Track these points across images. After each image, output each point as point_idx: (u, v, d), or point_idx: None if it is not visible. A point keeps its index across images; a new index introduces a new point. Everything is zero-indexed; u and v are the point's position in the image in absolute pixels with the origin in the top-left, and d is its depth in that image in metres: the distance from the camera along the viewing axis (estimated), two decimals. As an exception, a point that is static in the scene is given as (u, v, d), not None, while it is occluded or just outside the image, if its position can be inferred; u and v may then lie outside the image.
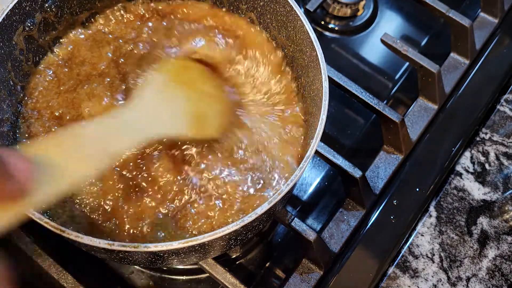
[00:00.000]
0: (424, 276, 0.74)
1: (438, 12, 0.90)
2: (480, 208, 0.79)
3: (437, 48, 0.98)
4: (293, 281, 0.71)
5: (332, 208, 0.83)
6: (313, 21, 0.99)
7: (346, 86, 0.80)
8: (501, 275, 0.74)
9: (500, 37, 0.93)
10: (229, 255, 0.79)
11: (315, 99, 0.64)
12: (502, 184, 0.80)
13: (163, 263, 0.62)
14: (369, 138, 0.90)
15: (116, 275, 0.77)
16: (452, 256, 0.75)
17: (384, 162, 0.81)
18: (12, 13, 0.62)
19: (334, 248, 0.74)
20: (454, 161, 0.82)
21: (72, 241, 0.53)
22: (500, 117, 0.86)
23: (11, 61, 0.65)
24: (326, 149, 0.76)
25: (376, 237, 0.75)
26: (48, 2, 0.67)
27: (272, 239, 0.82)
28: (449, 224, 0.77)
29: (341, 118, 0.92)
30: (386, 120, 0.79)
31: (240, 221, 0.52)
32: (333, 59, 0.97)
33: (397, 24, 1.03)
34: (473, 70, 0.89)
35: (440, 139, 0.83)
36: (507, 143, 0.83)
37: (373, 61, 0.98)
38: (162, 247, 0.51)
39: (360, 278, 0.72)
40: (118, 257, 0.58)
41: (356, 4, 0.99)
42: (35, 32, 0.67)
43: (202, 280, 0.78)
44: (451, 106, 0.86)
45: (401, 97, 0.94)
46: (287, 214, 0.70)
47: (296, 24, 0.67)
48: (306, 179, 0.86)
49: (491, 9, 0.94)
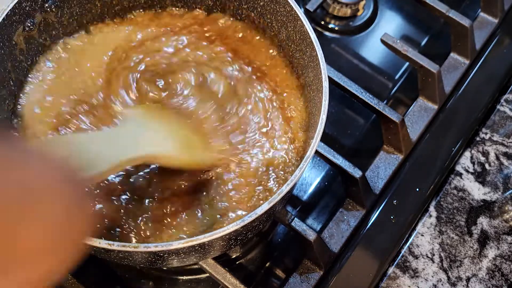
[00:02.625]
0: (424, 276, 0.74)
1: (438, 12, 0.90)
2: (480, 208, 0.79)
3: (437, 48, 0.98)
4: (293, 281, 0.71)
5: (332, 208, 0.83)
6: (313, 21, 0.99)
7: (346, 86, 0.80)
8: (501, 275, 0.74)
9: (500, 37, 0.93)
10: (229, 255, 0.79)
11: (315, 99, 0.64)
12: (502, 184, 0.80)
13: (163, 263, 0.62)
14: (369, 138, 0.90)
15: (116, 275, 0.77)
16: (452, 256, 0.75)
17: (384, 162, 0.81)
18: (12, 13, 0.62)
19: (334, 248, 0.74)
20: (454, 161, 0.82)
21: (72, 241, 0.53)
22: (500, 117, 0.86)
23: (11, 61, 0.65)
24: (326, 149, 0.76)
25: (376, 237, 0.75)
26: (48, 2, 0.67)
27: (272, 239, 0.82)
28: (449, 224, 0.77)
29: (341, 118, 0.92)
30: (386, 120, 0.79)
31: (240, 221, 0.52)
32: (333, 59, 0.96)
33: (397, 24, 1.02)
34: (473, 70, 0.89)
35: (440, 139, 0.83)
36: (507, 143, 0.83)
37: (373, 61, 0.98)
38: (162, 247, 0.51)
39: (360, 278, 0.72)
40: (118, 257, 0.58)
41: (356, 4, 0.99)
42: (35, 32, 0.67)
43: (202, 280, 0.78)
44: (451, 106, 0.86)
45: (401, 97, 0.94)
46: (287, 214, 0.70)
47: (296, 24, 0.67)
48: (306, 179, 0.85)
49: (491, 9, 0.94)
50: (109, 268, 0.78)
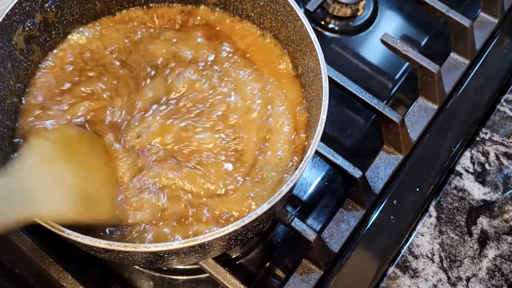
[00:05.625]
0: (424, 276, 0.74)
1: (438, 12, 0.90)
2: (480, 208, 0.79)
3: (437, 48, 0.98)
4: (293, 281, 0.71)
5: (332, 208, 0.83)
6: (313, 21, 0.99)
7: (346, 86, 0.80)
8: (501, 275, 0.74)
9: (500, 37, 0.93)
10: (229, 255, 0.79)
11: (315, 99, 0.64)
12: (502, 184, 0.80)
13: (163, 263, 0.62)
14: (369, 138, 0.90)
15: (116, 275, 0.77)
16: (452, 256, 0.75)
17: (384, 162, 0.81)
18: (12, 13, 0.62)
19: (334, 248, 0.74)
20: (454, 161, 0.82)
21: (72, 241, 0.53)
22: (500, 117, 0.86)
23: (11, 61, 0.65)
24: (326, 149, 0.76)
25: (376, 237, 0.75)
26: (48, 2, 0.67)
27: (272, 239, 0.82)
28: (449, 224, 0.77)
29: (341, 118, 0.92)
30: (386, 120, 0.79)
31: (240, 221, 0.52)
32: (333, 59, 0.97)
33: (397, 24, 1.02)
34: (473, 70, 0.89)
35: (440, 139, 0.83)
36: (507, 143, 0.83)
37: (373, 61, 0.98)
38: (162, 247, 0.51)
39: (360, 278, 0.72)
40: (118, 257, 0.58)
41: (356, 4, 0.99)
42: (35, 32, 0.67)
43: (202, 280, 0.78)
44: (451, 106, 0.86)
45: (401, 97, 0.94)
46: (287, 214, 0.70)
47: (296, 24, 0.67)
48: (306, 179, 0.85)
49: (491, 9, 0.94)
50: (109, 268, 0.78)
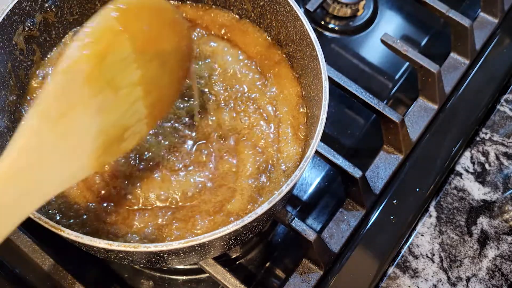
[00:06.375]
0: (424, 276, 0.74)
1: (438, 12, 0.90)
2: (480, 208, 0.79)
3: (437, 48, 0.98)
4: (293, 281, 0.71)
5: (332, 208, 0.83)
6: (313, 21, 0.99)
7: (346, 86, 0.80)
8: (501, 275, 0.74)
9: (500, 37, 0.93)
10: (229, 255, 0.79)
11: (315, 99, 0.64)
12: (502, 184, 0.80)
13: (163, 263, 0.62)
14: (369, 138, 0.90)
15: (116, 275, 0.77)
16: (452, 256, 0.75)
17: (384, 162, 0.81)
18: (12, 13, 0.62)
19: (334, 248, 0.74)
20: (454, 161, 0.82)
21: (72, 241, 0.53)
22: (500, 117, 0.86)
23: (11, 61, 0.65)
24: (326, 149, 0.76)
25: (376, 237, 0.75)
26: (48, 2, 0.67)
27: (272, 239, 0.82)
28: (449, 224, 0.77)
29: (341, 118, 0.92)
30: (386, 120, 0.79)
31: (240, 221, 0.52)
32: (333, 59, 0.97)
33: (397, 24, 1.02)
34: (473, 70, 0.89)
35: (440, 139, 0.83)
36: (507, 143, 0.83)
37: (373, 61, 0.98)
38: (162, 247, 0.51)
39: (360, 278, 0.72)
40: (118, 257, 0.58)
41: (356, 4, 0.99)
42: (35, 32, 0.67)
43: (202, 280, 0.78)
44: (451, 106, 0.86)
45: (401, 97, 0.94)
46: (287, 214, 0.70)
47: (296, 24, 0.67)
48: (306, 179, 0.85)
49: (491, 9, 0.94)
50: (109, 268, 0.78)
